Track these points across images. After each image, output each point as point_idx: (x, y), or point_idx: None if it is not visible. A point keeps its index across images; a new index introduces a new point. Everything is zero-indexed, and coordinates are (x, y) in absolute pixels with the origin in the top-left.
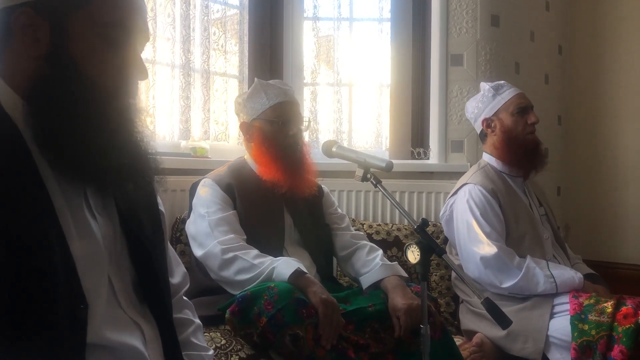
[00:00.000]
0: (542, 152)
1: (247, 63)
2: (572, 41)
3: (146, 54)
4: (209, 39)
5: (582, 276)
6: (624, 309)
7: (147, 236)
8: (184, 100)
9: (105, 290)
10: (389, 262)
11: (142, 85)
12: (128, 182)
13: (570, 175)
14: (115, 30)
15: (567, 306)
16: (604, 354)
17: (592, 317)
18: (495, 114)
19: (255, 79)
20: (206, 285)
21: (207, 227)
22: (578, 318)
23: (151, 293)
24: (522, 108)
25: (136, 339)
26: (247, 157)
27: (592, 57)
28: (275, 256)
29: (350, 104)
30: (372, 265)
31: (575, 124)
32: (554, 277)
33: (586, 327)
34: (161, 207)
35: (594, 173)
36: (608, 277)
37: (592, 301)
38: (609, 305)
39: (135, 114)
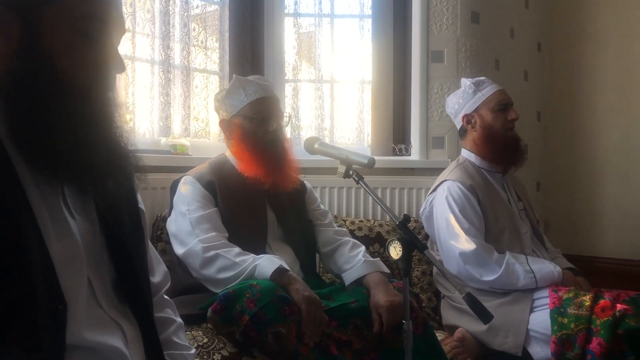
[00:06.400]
0: (521, 148)
1: (227, 59)
2: (551, 38)
3: (125, 50)
4: (189, 35)
5: (561, 270)
6: (602, 302)
7: (127, 235)
8: (164, 96)
9: (85, 290)
10: (372, 259)
11: (121, 82)
12: (107, 179)
13: (550, 170)
14: (89, 23)
15: (547, 300)
16: (582, 347)
17: (571, 310)
18: (476, 110)
19: (234, 75)
20: (188, 283)
21: (188, 225)
22: (557, 312)
23: (132, 292)
24: (502, 105)
25: (117, 339)
26: (228, 153)
27: (571, 54)
28: (258, 253)
29: (332, 101)
30: (354, 261)
31: (555, 120)
32: (533, 272)
33: (565, 320)
34: (141, 205)
35: (572, 168)
36: (587, 270)
37: (571, 295)
38: (587, 299)
39: (113, 109)
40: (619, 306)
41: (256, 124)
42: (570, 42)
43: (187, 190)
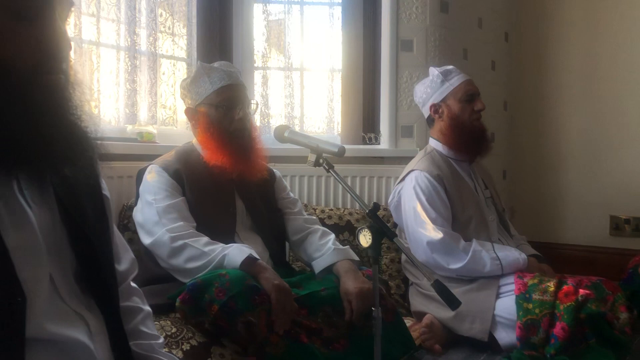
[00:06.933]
0: (487, 138)
1: (195, 46)
2: (518, 28)
3: (89, 35)
4: (156, 21)
5: (526, 257)
6: (565, 287)
7: (89, 224)
8: (130, 83)
9: (46, 282)
10: (341, 247)
11: (85, 68)
12: (64, 166)
13: (516, 159)
14: (23, 3)
15: (513, 286)
16: (547, 331)
17: (536, 296)
18: (443, 100)
19: (198, 62)
20: (156, 273)
21: (155, 215)
22: (523, 297)
23: (95, 283)
24: (469, 95)
25: (80, 332)
26: (195, 142)
27: (537, 44)
28: (227, 242)
29: (302, 89)
30: (324, 249)
31: (521, 109)
32: (499, 259)
33: (530, 306)
34: (106, 192)
35: (538, 157)
36: (551, 257)
37: (535, 281)
38: (551, 285)
39: (68, 92)
40: (581, 291)
41: (222, 113)
42: (537, 32)
43: (154, 180)
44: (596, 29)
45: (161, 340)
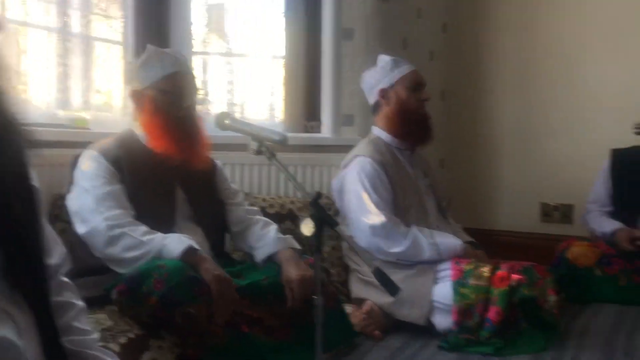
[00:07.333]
0: (430, 126)
1: (131, 29)
2: (456, 19)
3: (16, 14)
4: (89, 2)
5: (462, 243)
6: (499, 272)
7: (16, 217)
8: (62, 67)
9: None
10: (283, 236)
11: (13, 50)
12: None
13: (453, 148)
14: None
15: (450, 272)
16: (481, 315)
17: (471, 281)
18: (392, 85)
19: (150, 46)
20: (90, 264)
21: (91, 202)
22: (459, 283)
23: (24, 279)
24: (417, 84)
25: (8, 330)
26: (137, 128)
27: (474, 36)
28: (166, 232)
29: (244, 76)
30: (266, 239)
31: (458, 99)
32: (437, 245)
33: (466, 291)
34: (35, 182)
35: (474, 146)
36: (485, 243)
37: (471, 267)
38: (486, 270)
39: None
40: (514, 276)
41: (170, 99)
42: (474, 23)
43: (91, 166)
44: (531, 22)
45: (96, 335)
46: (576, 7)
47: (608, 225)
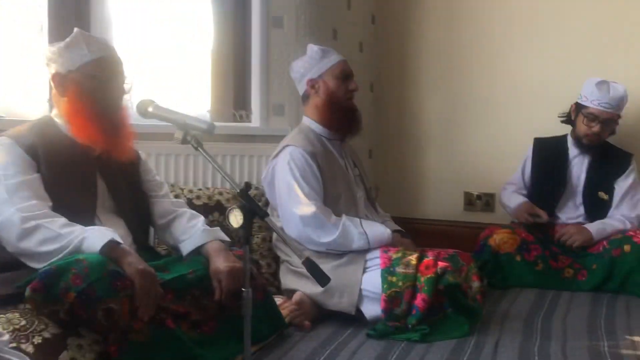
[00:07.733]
0: (358, 117)
1: (47, 12)
2: (384, 11)
3: None
4: None
5: (391, 232)
6: (425, 260)
7: None
8: None
9: None
10: (210, 228)
11: None
12: None
13: (381, 139)
14: None
15: (378, 260)
16: (409, 303)
17: (399, 269)
18: (321, 75)
19: (76, 29)
20: (2, 259)
21: (3, 193)
22: (388, 271)
23: None
24: (345, 74)
25: None
26: (55, 114)
27: (401, 28)
28: (86, 225)
29: (169, 63)
30: (192, 231)
31: (385, 91)
32: (366, 234)
33: (394, 279)
34: None
35: (400, 137)
36: (412, 232)
37: (399, 255)
38: (413, 258)
39: None
40: (440, 264)
41: (97, 84)
42: (402, 15)
43: (3, 154)
44: (457, 16)
45: (6, 337)
46: (500, 2)
47: (515, 199)
